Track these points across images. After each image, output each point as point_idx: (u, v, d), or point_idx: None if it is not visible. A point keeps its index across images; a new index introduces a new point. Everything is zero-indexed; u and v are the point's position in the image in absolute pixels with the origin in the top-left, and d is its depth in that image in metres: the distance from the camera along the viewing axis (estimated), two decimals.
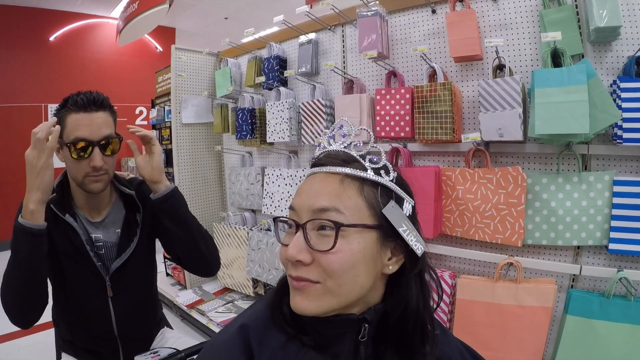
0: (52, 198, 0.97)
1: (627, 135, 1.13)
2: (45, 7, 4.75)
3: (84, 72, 5.07)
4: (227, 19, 5.64)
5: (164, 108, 3.60)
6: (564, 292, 1.34)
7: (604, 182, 1.23)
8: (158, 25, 4.03)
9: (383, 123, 1.60)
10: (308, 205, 0.51)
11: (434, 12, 1.57)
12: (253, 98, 2.26)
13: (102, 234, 1.07)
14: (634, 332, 1.16)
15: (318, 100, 1.87)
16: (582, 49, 1.25)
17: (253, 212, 2.51)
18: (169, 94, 2.77)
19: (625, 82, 1.14)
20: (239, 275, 2.42)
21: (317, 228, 0.50)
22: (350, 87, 1.79)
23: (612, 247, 1.20)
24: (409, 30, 1.65)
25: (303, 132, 1.95)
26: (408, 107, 1.54)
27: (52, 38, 4.90)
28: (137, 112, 5.41)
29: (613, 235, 1.20)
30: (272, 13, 2.05)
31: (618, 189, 1.20)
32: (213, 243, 1.14)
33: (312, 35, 2.00)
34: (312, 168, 0.56)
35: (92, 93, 0.98)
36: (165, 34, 5.85)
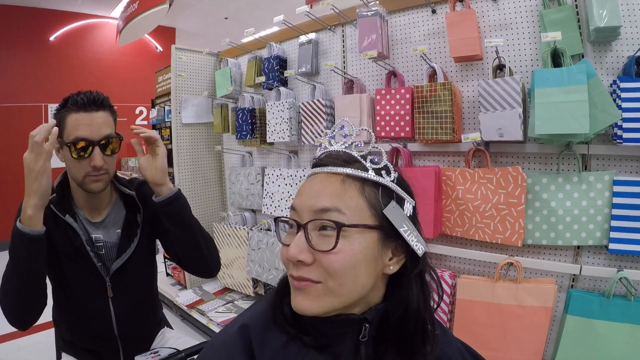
0: (52, 198, 0.97)
1: (627, 135, 1.13)
2: (45, 7, 4.75)
3: (84, 72, 5.07)
4: (227, 19, 5.64)
5: (164, 108, 3.60)
6: (564, 292, 1.34)
7: (604, 182, 1.23)
8: (158, 25, 4.03)
9: (383, 123, 1.60)
10: (309, 206, 0.51)
11: (434, 12, 1.58)
12: (253, 98, 2.26)
13: (102, 234, 1.07)
14: (634, 332, 1.16)
15: (318, 100, 1.87)
16: (582, 49, 1.25)
17: (253, 212, 2.51)
18: (169, 94, 2.77)
19: (625, 82, 1.14)
20: (239, 275, 2.42)
21: (318, 228, 0.50)
22: (350, 87, 1.79)
23: (612, 247, 1.20)
24: (409, 30, 1.65)
25: (303, 132, 1.95)
26: (408, 107, 1.54)
27: (52, 38, 4.90)
28: (137, 112, 5.41)
29: (613, 235, 1.20)
30: (272, 13, 2.05)
31: (618, 189, 1.20)
32: (214, 244, 1.14)
33: (312, 35, 2.00)
34: (313, 168, 0.56)
35: (92, 93, 0.98)
36: (165, 34, 5.85)
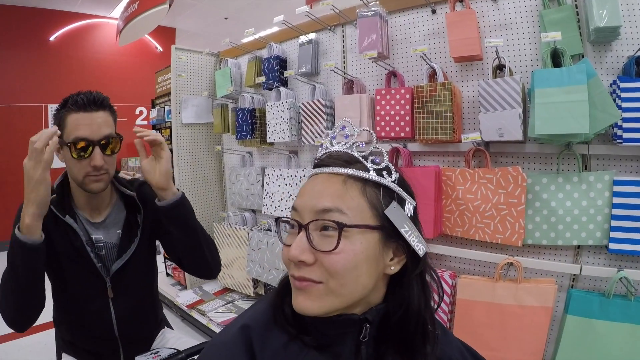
0: (52, 199, 0.97)
1: (627, 135, 1.13)
2: (45, 7, 4.75)
3: (84, 72, 5.07)
4: (227, 19, 5.64)
5: (164, 108, 3.61)
6: (564, 292, 1.34)
7: (604, 182, 1.23)
8: (158, 25, 4.03)
9: (383, 123, 1.60)
10: (311, 206, 0.51)
11: (434, 12, 1.58)
12: (253, 98, 2.26)
13: (102, 235, 1.07)
14: (634, 331, 1.16)
15: (318, 101, 1.87)
16: (582, 49, 1.25)
17: (253, 212, 2.51)
18: (169, 94, 2.77)
19: (625, 82, 1.14)
20: (239, 276, 2.42)
21: (319, 228, 0.50)
22: (350, 87, 1.79)
23: (612, 246, 1.20)
24: (409, 31, 1.65)
25: (303, 132, 1.95)
26: (408, 107, 1.54)
27: (52, 38, 4.90)
28: (137, 112, 5.41)
29: (613, 235, 1.20)
30: (272, 13, 2.05)
31: (618, 189, 1.20)
32: (215, 246, 1.14)
33: (312, 36, 2.00)
34: (314, 169, 0.56)
35: (92, 93, 0.98)
36: (165, 34, 5.85)
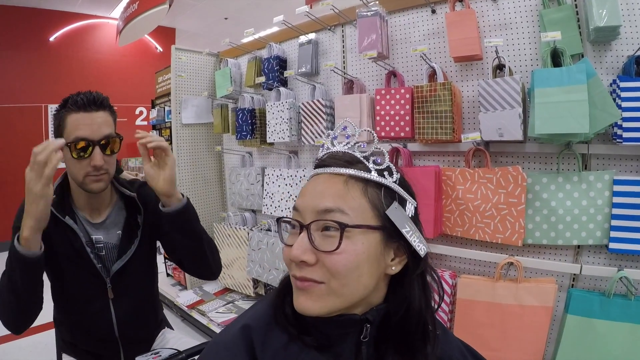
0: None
1: (627, 135, 1.13)
2: (45, 7, 4.75)
3: (84, 72, 5.07)
4: (227, 19, 5.63)
5: (164, 108, 3.61)
6: (565, 291, 1.34)
7: (604, 181, 1.23)
8: (158, 26, 4.03)
9: (383, 123, 1.60)
10: (312, 206, 0.51)
11: (434, 12, 1.58)
12: (253, 98, 2.26)
13: (102, 235, 1.07)
14: (635, 331, 1.16)
15: (318, 101, 1.87)
16: (581, 49, 1.26)
17: (253, 212, 2.51)
18: (169, 95, 2.77)
19: (625, 81, 1.14)
20: (240, 276, 2.42)
21: (321, 229, 0.50)
22: (350, 87, 1.79)
23: (612, 246, 1.20)
24: (409, 30, 1.65)
25: (303, 132, 1.95)
26: (408, 107, 1.54)
27: (52, 38, 4.90)
28: (137, 112, 5.41)
29: (613, 235, 1.20)
30: (272, 13, 2.05)
31: (618, 189, 1.20)
32: (216, 248, 1.14)
33: (312, 36, 2.00)
34: (315, 169, 0.56)
35: (92, 93, 0.98)
36: (165, 34, 5.85)
